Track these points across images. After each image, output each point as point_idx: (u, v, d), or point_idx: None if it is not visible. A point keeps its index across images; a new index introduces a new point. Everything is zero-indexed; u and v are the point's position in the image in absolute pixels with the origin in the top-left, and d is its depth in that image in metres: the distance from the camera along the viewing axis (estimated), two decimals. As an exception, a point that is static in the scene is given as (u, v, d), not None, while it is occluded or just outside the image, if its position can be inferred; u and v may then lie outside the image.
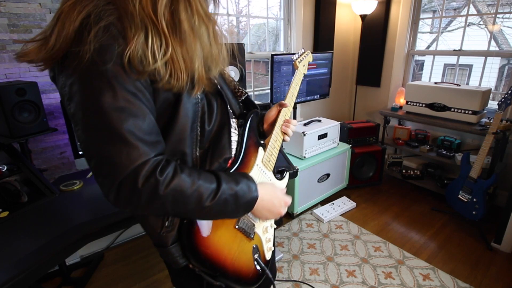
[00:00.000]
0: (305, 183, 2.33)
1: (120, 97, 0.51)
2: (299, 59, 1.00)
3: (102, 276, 1.82)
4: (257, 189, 0.67)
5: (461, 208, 2.17)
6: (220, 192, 0.60)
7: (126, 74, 0.52)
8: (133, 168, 0.51)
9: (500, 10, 2.48)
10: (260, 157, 0.78)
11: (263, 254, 0.79)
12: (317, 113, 3.28)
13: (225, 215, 0.64)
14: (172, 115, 0.61)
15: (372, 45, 3.16)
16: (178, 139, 0.62)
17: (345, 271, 1.84)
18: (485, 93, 2.31)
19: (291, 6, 2.72)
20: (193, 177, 0.58)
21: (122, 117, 0.51)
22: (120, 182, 0.51)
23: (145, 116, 0.54)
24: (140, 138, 0.52)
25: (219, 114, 0.69)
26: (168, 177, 0.54)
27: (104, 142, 0.51)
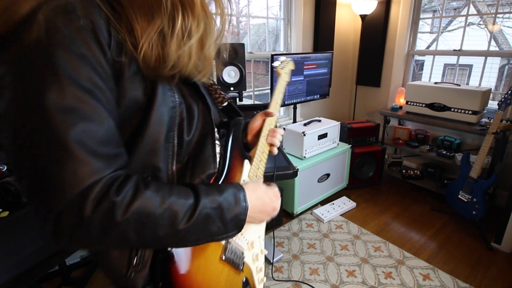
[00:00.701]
0: (305, 183, 2.33)
1: (69, 94, 0.38)
2: (281, 65, 0.97)
3: (102, 276, 1.82)
4: (245, 197, 0.55)
5: (461, 208, 2.17)
6: (199, 207, 0.47)
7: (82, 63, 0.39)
8: (79, 192, 0.38)
9: (500, 10, 2.48)
10: (246, 171, 0.68)
11: (253, 287, 0.70)
12: (317, 113, 3.27)
13: (210, 237, 0.50)
14: (142, 121, 0.48)
15: (372, 45, 3.16)
16: (149, 150, 0.50)
17: (345, 271, 1.84)
18: (485, 93, 2.31)
19: (291, 6, 2.72)
20: (163, 192, 0.45)
21: (69, 121, 0.38)
22: (61, 211, 0.38)
23: (102, 121, 0.41)
24: (92, 150, 0.40)
25: (201, 121, 0.57)
26: (127, 196, 0.41)
27: (41, 156, 0.38)
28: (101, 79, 0.42)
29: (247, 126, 0.79)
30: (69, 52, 0.39)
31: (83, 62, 0.40)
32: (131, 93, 0.47)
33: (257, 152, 0.73)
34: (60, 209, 0.38)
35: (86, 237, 0.40)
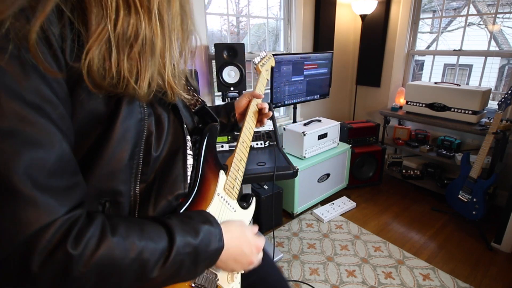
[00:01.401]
0: (305, 183, 2.33)
1: (8, 112, 0.29)
2: (261, 62, 0.91)
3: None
4: (222, 237, 0.50)
5: (461, 208, 2.17)
6: (173, 253, 0.41)
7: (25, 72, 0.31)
8: (23, 239, 0.30)
9: (500, 10, 2.48)
10: (221, 183, 0.61)
11: None
12: (317, 113, 3.27)
13: (178, 280, 0.46)
14: (102, 137, 0.40)
15: (372, 45, 3.16)
16: (109, 172, 0.42)
17: (345, 271, 1.84)
18: (485, 93, 2.31)
19: (291, 6, 2.71)
20: (132, 237, 0.38)
21: (9, 149, 0.30)
22: (1, 262, 0.30)
23: (54, 145, 0.33)
24: (41, 184, 0.32)
25: (172, 134, 0.51)
26: (89, 246, 0.34)
27: None
28: (52, 90, 0.33)
29: (233, 105, 0.79)
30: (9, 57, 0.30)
31: (27, 69, 0.31)
32: (90, 104, 0.38)
33: (234, 160, 0.66)
34: (0, 260, 0.30)
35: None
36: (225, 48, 1.93)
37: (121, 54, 0.38)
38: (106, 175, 0.42)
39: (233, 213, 0.64)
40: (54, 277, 0.32)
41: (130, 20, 0.38)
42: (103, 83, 0.38)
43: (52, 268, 0.32)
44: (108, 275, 0.36)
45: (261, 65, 0.90)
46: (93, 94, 0.39)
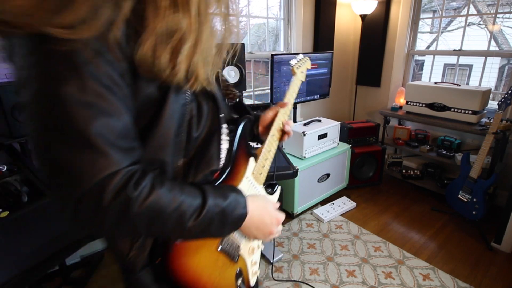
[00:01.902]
0: (305, 183, 2.33)
1: (89, 89, 0.40)
2: (297, 65, 0.95)
3: (102, 276, 1.82)
4: (246, 205, 0.58)
5: (461, 208, 2.17)
6: (205, 210, 0.50)
7: (102, 60, 0.41)
8: (98, 181, 0.41)
9: (500, 10, 2.48)
10: (250, 168, 0.69)
11: (247, 279, 0.71)
12: (317, 113, 3.28)
13: (208, 235, 0.55)
14: (155, 116, 0.50)
15: (372, 45, 3.16)
16: (159, 145, 0.52)
17: (345, 271, 1.84)
18: (485, 93, 2.31)
19: (291, 6, 2.72)
20: (175, 192, 0.48)
21: (90, 115, 0.40)
22: (80, 197, 0.41)
23: (120, 115, 0.43)
24: (111, 142, 0.42)
25: (209, 119, 0.60)
26: (143, 192, 0.44)
27: (63, 145, 0.40)
28: (119, 76, 0.44)
29: (259, 118, 0.82)
30: (90, 49, 0.40)
31: (103, 60, 0.41)
32: (147, 89, 0.48)
33: (264, 150, 0.74)
34: (79, 197, 0.41)
35: (101, 224, 0.43)
36: (225, 48, 1.93)
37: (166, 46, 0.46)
38: (157, 148, 0.52)
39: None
40: (118, 213, 0.42)
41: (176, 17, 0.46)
42: (153, 70, 0.46)
43: (117, 205, 0.42)
44: (155, 218, 0.46)
45: (297, 67, 0.94)
46: (149, 81, 0.48)
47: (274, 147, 0.77)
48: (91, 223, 0.43)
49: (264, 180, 0.75)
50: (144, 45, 0.44)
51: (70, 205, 0.42)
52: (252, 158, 0.71)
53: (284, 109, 0.81)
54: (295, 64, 0.95)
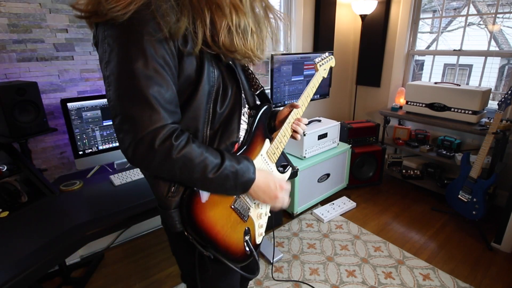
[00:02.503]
0: (305, 183, 2.33)
1: (150, 66, 0.57)
2: (320, 62, 1.02)
3: (102, 276, 1.82)
4: (255, 171, 0.72)
5: (461, 208, 2.17)
6: (223, 167, 0.65)
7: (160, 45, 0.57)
8: (152, 129, 0.57)
9: (500, 10, 2.48)
10: (265, 148, 0.83)
11: (253, 237, 0.83)
12: (317, 113, 3.28)
13: (224, 191, 0.69)
14: (191, 94, 0.66)
15: (372, 45, 3.16)
16: (193, 116, 0.67)
17: (345, 271, 1.84)
18: (485, 93, 2.31)
19: (291, 6, 2.71)
20: (202, 149, 0.63)
21: (149, 83, 0.56)
22: (140, 140, 0.56)
23: (168, 87, 0.59)
24: (162, 104, 0.58)
25: (232, 100, 0.74)
26: (181, 143, 0.60)
27: (130, 102, 0.57)
28: (170, 58, 0.60)
29: (276, 113, 0.96)
30: (153, 38, 0.56)
31: (160, 45, 0.57)
32: (187, 71, 0.64)
33: (279, 134, 0.87)
34: (139, 139, 0.57)
35: (151, 162, 0.59)
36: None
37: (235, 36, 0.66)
38: (191, 117, 0.67)
39: (269, 170, 0.85)
40: (163, 154, 0.58)
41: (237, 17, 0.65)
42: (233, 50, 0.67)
43: (163, 149, 0.58)
44: (187, 164, 0.61)
45: (320, 64, 1.02)
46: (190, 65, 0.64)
47: (288, 133, 0.90)
48: (145, 161, 0.59)
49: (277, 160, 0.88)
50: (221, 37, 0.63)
51: (132, 146, 0.57)
52: (267, 139, 0.85)
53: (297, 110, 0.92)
54: (319, 62, 1.02)
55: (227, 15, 0.63)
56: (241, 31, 0.66)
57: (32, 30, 1.53)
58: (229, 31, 0.64)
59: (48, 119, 1.50)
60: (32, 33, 1.53)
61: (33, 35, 1.54)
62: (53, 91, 1.65)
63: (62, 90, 1.68)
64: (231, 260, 0.76)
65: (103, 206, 1.29)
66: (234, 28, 0.64)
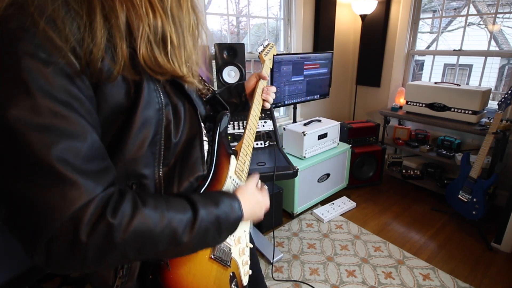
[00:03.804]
0: (305, 183, 2.33)
1: (44, 109, 0.34)
2: (264, 51, 0.92)
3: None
4: (241, 207, 0.57)
5: (461, 208, 2.17)
6: (198, 221, 0.47)
7: (53, 70, 0.35)
8: (70, 215, 0.35)
9: (500, 10, 2.48)
10: (232, 167, 0.68)
11: (240, 281, 0.70)
12: (317, 113, 3.27)
13: (206, 245, 0.53)
14: (124, 126, 0.45)
15: (372, 45, 3.16)
16: (132, 157, 0.46)
17: (345, 271, 1.84)
18: (485, 93, 2.31)
19: (291, 6, 2.71)
20: (160, 208, 0.44)
21: (48, 140, 0.34)
22: (52, 238, 0.35)
23: (85, 135, 0.38)
24: (79, 168, 0.37)
25: (188, 122, 0.55)
26: (125, 217, 0.39)
27: (21, 180, 0.34)
28: (78, 88, 0.38)
29: (243, 86, 0.86)
30: (40, 61, 0.34)
31: (55, 69, 0.35)
32: (113, 98, 0.43)
33: (243, 146, 0.73)
34: (51, 236, 0.35)
35: (82, 262, 0.38)
36: (225, 48, 1.93)
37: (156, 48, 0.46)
38: (130, 160, 0.46)
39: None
40: (100, 244, 0.37)
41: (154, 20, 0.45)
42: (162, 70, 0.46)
43: (98, 236, 0.37)
44: (145, 240, 0.41)
45: (265, 54, 0.93)
46: (114, 88, 0.43)
47: (252, 141, 0.78)
48: (70, 263, 0.37)
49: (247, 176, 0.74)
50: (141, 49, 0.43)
51: (40, 249, 0.36)
52: (232, 156, 0.69)
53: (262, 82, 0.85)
54: (262, 51, 0.93)
55: (142, 16, 0.43)
56: (160, 41, 0.46)
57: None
58: (148, 41, 0.44)
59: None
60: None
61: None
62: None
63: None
64: None
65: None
66: (152, 35, 0.44)
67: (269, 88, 0.85)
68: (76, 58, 0.37)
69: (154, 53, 0.45)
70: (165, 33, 0.46)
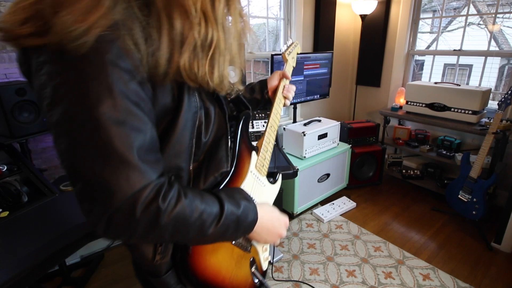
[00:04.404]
0: (305, 183, 2.33)
1: (121, 107, 0.42)
2: (287, 51, 0.95)
3: (102, 276, 1.82)
4: (256, 211, 0.62)
5: (461, 208, 2.17)
6: (223, 218, 0.54)
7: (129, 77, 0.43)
8: (131, 194, 0.43)
9: (500, 10, 2.48)
10: (253, 162, 0.73)
11: (260, 265, 0.77)
12: (317, 113, 3.28)
13: (224, 240, 0.59)
14: (170, 125, 0.53)
15: (372, 45, 3.16)
16: (175, 152, 0.55)
17: (345, 271, 1.84)
18: (485, 93, 2.31)
19: (291, 6, 2.71)
20: (196, 202, 0.51)
21: (122, 132, 0.42)
22: (115, 211, 0.43)
23: (147, 130, 0.46)
24: (142, 157, 0.44)
25: (216, 124, 0.63)
26: (171, 204, 0.47)
27: (98, 162, 0.42)
28: (143, 90, 0.46)
29: (265, 83, 0.89)
30: (120, 69, 0.42)
31: (131, 76, 0.43)
32: (162, 100, 0.51)
33: (264, 142, 0.77)
34: (114, 210, 0.43)
35: (131, 234, 0.46)
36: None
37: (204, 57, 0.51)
38: (173, 155, 0.55)
39: (263, 187, 0.76)
40: (148, 223, 0.45)
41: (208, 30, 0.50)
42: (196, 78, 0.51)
43: (148, 215, 0.44)
44: (180, 227, 0.48)
45: (288, 53, 0.95)
46: (164, 93, 0.51)
47: (273, 138, 0.81)
48: (123, 234, 0.46)
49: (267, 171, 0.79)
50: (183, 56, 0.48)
51: (103, 219, 0.43)
52: (253, 152, 0.74)
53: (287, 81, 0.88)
54: (286, 50, 0.95)
55: (194, 26, 0.47)
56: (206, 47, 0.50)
57: (32, 30, 1.53)
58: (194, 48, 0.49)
59: (48, 119, 1.50)
60: (32, 33, 1.53)
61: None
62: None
63: (62, 90, 1.68)
64: None
65: (103, 206, 1.29)
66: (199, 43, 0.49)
67: (290, 87, 0.88)
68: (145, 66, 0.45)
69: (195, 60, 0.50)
70: (213, 41, 0.50)
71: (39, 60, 0.42)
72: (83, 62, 0.40)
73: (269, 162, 0.79)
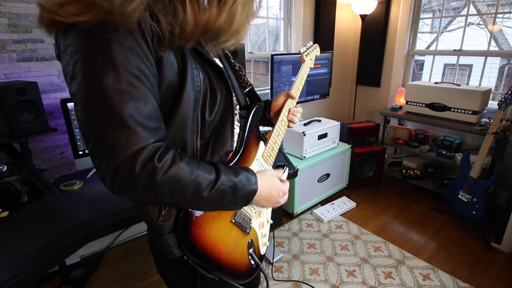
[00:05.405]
0: (305, 183, 2.33)
1: (123, 79, 0.50)
2: (306, 52, 0.98)
3: (102, 276, 1.82)
4: (257, 181, 0.67)
5: (461, 208, 2.17)
6: (218, 183, 0.59)
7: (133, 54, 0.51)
8: (131, 153, 0.50)
9: (500, 10, 2.48)
10: (260, 151, 0.78)
11: (257, 248, 0.79)
12: (317, 113, 3.28)
13: (222, 207, 0.63)
14: (175, 101, 0.60)
15: (372, 45, 3.16)
16: (179, 126, 0.61)
17: (345, 271, 1.84)
18: (485, 93, 2.31)
19: (291, 6, 2.72)
20: (192, 166, 0.57)
21: (123, 100, 0.50)
22: (117, 166, 0.50)
23: (147, 101, 0.53)
24: (140, 122, 0.51)
25: (223, 104, 0.67)
26: (166, 164, 0.53)
27: (103, 125, 0.50)
28: (146, 67, 0.53)
29: (270, 104, 0.92)
30: (123, 47, 0.50)
31: (133, 54, 0.51)
32: (168, 77, 0.58)
33: (273, 134, 0.81)
34: (116, 165, 0.50)
35: (133, 189, 0.52)
36: (225, 48, 1.92)
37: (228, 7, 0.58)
38: (178, 129, 0.61)
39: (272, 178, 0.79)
40: (146, 180, 0.51)
41: None
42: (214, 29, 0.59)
43: (145, 173, 0.51)
44: (176, 186, 0.54)
45: (306, 54, 0.98)
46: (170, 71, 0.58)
47: (282, 131, 0.85)
48: (126, 188, 0.52)
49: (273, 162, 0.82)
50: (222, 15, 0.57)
51: (109, 174, 0.51)
52: (262, 142, 0.79)
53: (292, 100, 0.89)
54: (305, 52, 0.98)
55: None
56: None
57: (32, 30, 1.53)
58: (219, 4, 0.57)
59: (48, 119, 1.50)
60: (32, 33, 1.54)
61: (33, 35, 1.54)
62: (53, 91, 1.65)
63: (62, 90, 1.68)
64: (237, 277, 0.71)
65: (103, 206, 1.29)
66: None
67: (296, 109, 0.89)
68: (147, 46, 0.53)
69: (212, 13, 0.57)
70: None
71: (65, 43, 0.52)
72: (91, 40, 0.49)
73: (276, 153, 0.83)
